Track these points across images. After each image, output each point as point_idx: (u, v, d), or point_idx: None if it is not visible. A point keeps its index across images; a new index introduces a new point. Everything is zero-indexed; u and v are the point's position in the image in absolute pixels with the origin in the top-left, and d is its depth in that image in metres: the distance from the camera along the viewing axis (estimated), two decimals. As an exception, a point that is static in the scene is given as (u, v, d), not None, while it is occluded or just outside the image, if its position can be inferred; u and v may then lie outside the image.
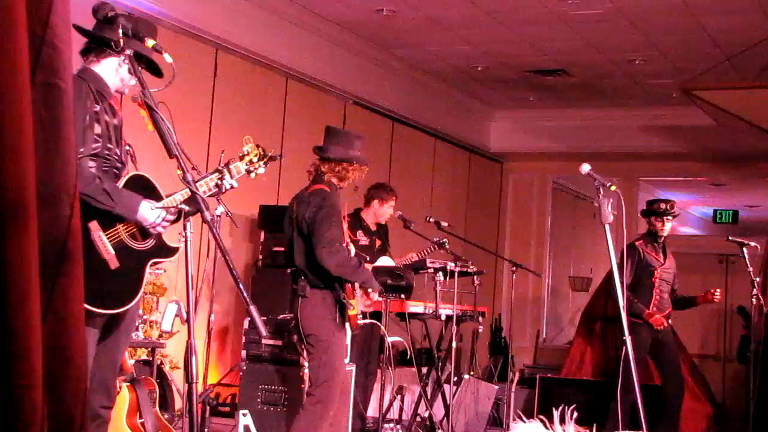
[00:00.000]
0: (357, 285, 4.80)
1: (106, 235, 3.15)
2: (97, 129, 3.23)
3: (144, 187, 3.31)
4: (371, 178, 8.28)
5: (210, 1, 7.13)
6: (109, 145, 3.27)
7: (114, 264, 3.13)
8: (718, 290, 6.88)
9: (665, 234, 6.95)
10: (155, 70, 3.39)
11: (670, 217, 6.91)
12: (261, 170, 3.74)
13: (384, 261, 6.57)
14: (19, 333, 1.57)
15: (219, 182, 3.40)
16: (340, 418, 4.92)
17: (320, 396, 4.61)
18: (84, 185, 3.01)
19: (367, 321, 6.49)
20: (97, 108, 3.24)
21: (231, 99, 7.50)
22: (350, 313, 4.71)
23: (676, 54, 8.49)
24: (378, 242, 6.68)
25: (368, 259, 6.54)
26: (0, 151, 1.55)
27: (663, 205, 6.93)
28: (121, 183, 3.28)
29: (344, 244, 4.73)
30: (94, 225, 3.10)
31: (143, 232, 3.28)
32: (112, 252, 3.15)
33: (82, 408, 1.75)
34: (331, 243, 4.55)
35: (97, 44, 3.28)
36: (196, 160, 3.54)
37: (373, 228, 6.68)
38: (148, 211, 3.23)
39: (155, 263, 3.35)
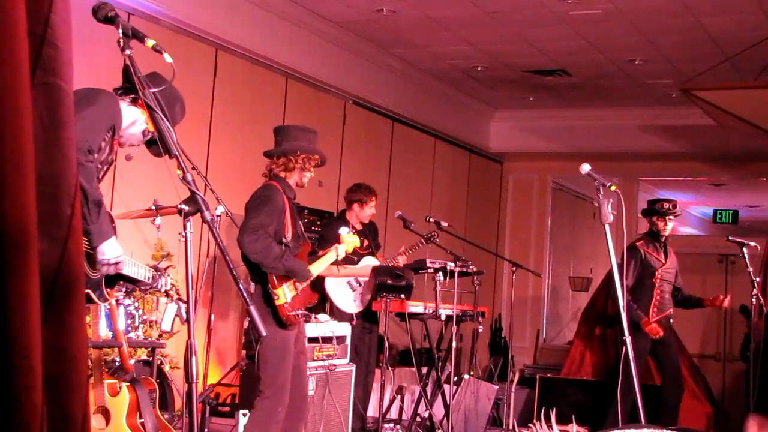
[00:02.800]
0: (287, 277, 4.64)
1: None
2: (99, 157, 3.28)
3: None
4: (372, 177, 8.30)
5: (210, 1, 7.13)
6: (105, 155, 3.32)
7: None
8: (727, 298, 6.88)
9: (667, 233, 6.95)
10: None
11: (672, 217, 6.91)
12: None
13: (368, 262, 6.56)
14: (19, 332, 1.57)
15: (155, 276, 3.54)
16: (298, 417, 4.81)
17: (267, 393, 4.55)
18: (89, 185, 3.05)
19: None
20: (106, 137, 3.30)
21: (231, 99, 7.50)
22: (277, 303, 4.54)
23: (676, 54, 8.49)
24: (366, 242, 6.68)
25: (356, 260, 6.54)
26: (0, 150, 1.55)
27: (666, 205, 6.93)
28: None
29: (286, 238, 4.62)
30: None
31: (93, 263, 3.23)
32: None
33: (82, 408, 1.74)
34: (253, 229, 4.48)
35: (127, 88, 3.38)
36: (196, 160, 3.55)
37: (359, 227, 6.68)
38: (112, 247, 3.21)
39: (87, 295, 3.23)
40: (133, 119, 3.44)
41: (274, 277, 4.58)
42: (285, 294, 4.59)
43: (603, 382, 7.57)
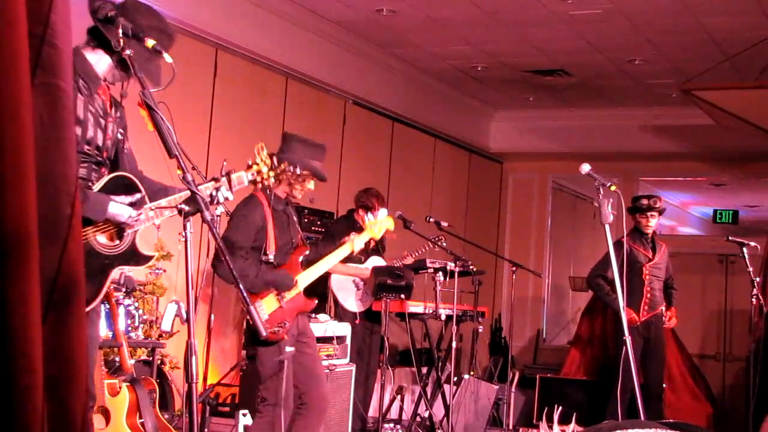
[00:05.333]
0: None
1: None
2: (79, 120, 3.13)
3: (126, 188, 3.22)
4: (372, 177, 8.30)
5: (210, 1, 7.13)
6: (88, 137, 3.17)
7: None
8: (672, 319, 7.02)
9: (650, 231, 6.93)
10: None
11: (654, 213, 6.89)
12: (271, 181, 3.66)
13: (375, 261, 6.57)
14: (19, 333, 1.57)
15: (214, 192, 3.20)
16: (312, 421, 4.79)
17: (271, 401, 4.54)
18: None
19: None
20: (79, 98, 3.15)
21: (231, 99, 7.50)
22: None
23: (676, 54, 8.49)
24: (372, 242, 6.68)
25: (362, 260, 6.54)
26: (1, 150, 1.55)
27: (645, 201, 6.91)
28: (98, 186, 3.18)
29: (266, 254, 4.56)
30: None
31: (120, 233, 3.18)
32: None
33: (83, 408, 1.75)
34: (231, 253, 4.39)
35: (98, 40, 3.22)
36: (196, 160, 3.54)
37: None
38: (119, 208, 3.13)
39: (122, 269, 3.20)
40: (107, 63, 3.26)
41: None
42: (263, 308, 4.53)
43: (603, 382, 7.57)
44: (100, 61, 3.27)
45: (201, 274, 6.23)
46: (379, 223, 5.20)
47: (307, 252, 4.86)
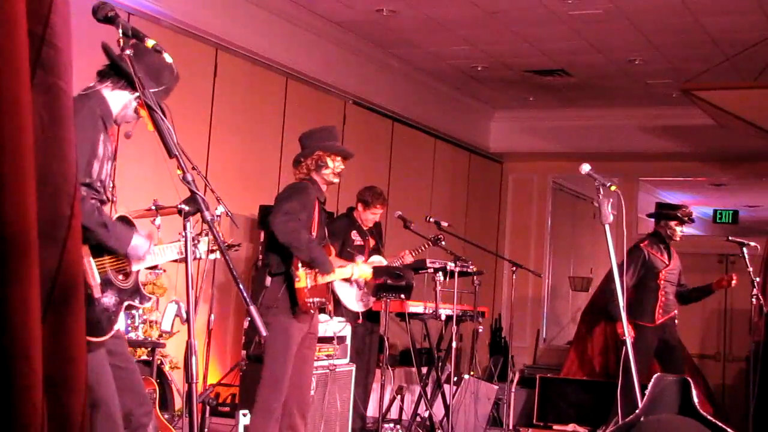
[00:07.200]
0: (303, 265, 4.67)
1: (95, 261, 3.14)
2: (98, 156, 3.21)
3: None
4: (372, 177, 8.28)
5: (210, 1, 7.13)
6: (102, 176, 3.25)
7: (97, 292, 3.11)
8: (734, 278, 6.77)
9: (678, 239, 6.93)
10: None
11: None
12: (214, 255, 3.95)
13: (375, 260, 6.57)
14: (19, 333, 1.57)
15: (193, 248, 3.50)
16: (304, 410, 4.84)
17: (266, 381, 4.62)
18: (85, 218, 2.95)
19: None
20: (101, 135, 3.23)
21: (231, 99, 7.50)
22: (297, 285, 4.58)
23: (676, 54, 8.49)
24: (372, 242, 6.69)
25: (364, 259, 6.54)
26: (0, 150, 1.54)
27: (687, 211, 6.92)
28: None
29: (310, 232, 4.68)
30: (84, 249, 3.07)
31: (125, 270, 3.28)
32: (98, 280, 3.12)
33: (82, 407, 1.74)
34: (285, 212, 4.54)
35: (120, 75, 3.28)
36: (196, 160, 3.54)
37: (366, 228, 6.70)
38: (141, 241, 3.25)
39: (130, 306, 3.29)
40: (123, 103, 3.33)
41: (299, 261, 4.61)
42: (305, 279, 4.61)
43: (603, 382, 7.57)
44: (115, 101, 3.34)
45: (201, 275, 6.23)
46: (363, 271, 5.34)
47: (333, 254, 4.94)
